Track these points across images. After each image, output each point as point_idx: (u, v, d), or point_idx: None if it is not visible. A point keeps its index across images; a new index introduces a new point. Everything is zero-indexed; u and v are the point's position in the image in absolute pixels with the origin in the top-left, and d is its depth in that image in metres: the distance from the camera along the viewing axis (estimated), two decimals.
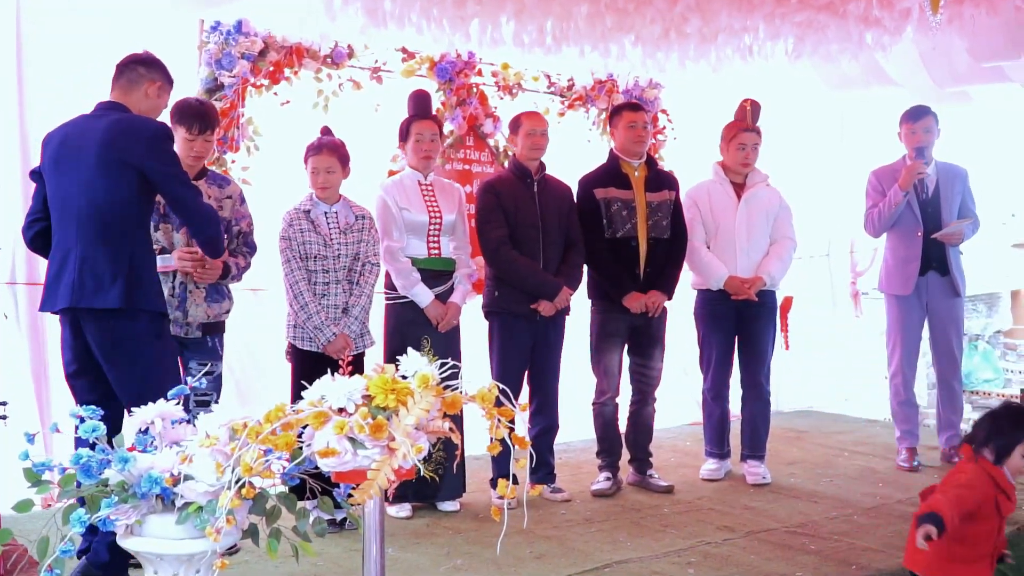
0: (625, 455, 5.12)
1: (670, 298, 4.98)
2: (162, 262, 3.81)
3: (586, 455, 5.61)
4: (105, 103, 3.55)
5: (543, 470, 4.87)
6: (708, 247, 5.14)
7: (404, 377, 2.43)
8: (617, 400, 5.07)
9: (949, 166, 5.48)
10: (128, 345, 3.40)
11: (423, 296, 4.46)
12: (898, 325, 5.51)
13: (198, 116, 3.96)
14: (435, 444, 4.33)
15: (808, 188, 7.15)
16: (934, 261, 5.40)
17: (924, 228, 5.37)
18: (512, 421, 2.45)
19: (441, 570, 3.79)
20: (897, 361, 5.53)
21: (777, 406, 6.94)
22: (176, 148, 3.84)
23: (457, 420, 4.25)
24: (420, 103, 4.66)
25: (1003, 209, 8.39)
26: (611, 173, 4.95)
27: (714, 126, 5.36)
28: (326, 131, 4.41)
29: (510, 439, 2.42)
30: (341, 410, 2.34)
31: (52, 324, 4.67)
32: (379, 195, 4.55)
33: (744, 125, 5.17)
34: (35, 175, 3.62)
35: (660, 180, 4.99)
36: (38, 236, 3.59)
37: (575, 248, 4.83)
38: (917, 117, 5.38)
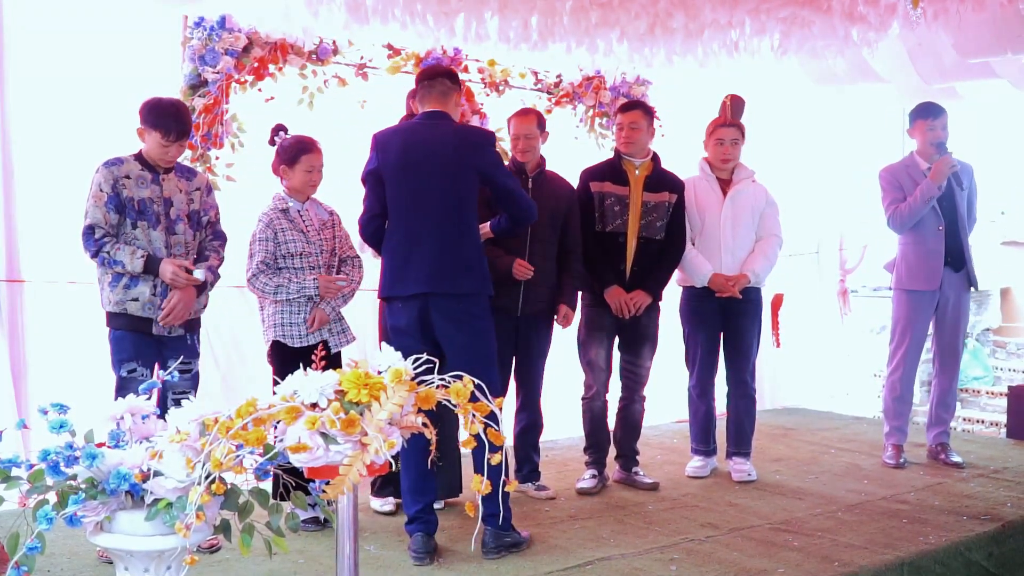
0: (611, 452, 5.11)
1: (655, 298, 4.95)
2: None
3: (572, 452, 5.60)
4: (432, 112, 4.02)
5: (527, 467, 4.85)
6: (693, 243, 5.13)
7: (379, 372, 2.42)
8: (607, 397, 5.05)
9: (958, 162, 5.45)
10: (475, 323, 3.93)
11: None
12: (908, 321, 5.47)
13: (176, 123, 3.90)
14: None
15: (797, 185, 7.15)
16: (949, 256, 5.38)
17: (944, 222, 5.36)
18: (490, 416, 2.44)
19: (423, 567, 3.77)
20: (901, 356, 5.51)
21: (764, 403, 6.95)
22: (150, 147, 3.90)
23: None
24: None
25: (992, 206, 8.40)
26: (610, 169, 4.95)
27: (703, 123, 5.35)
28: (282, 128, 4.37)
29: (485, 435, 2.41)
30: (314, 405, 2.33)
31: (32, 320, 4.68)
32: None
33: (722, 120, 5.16)
34: (372, 175, 4.01)
35: (661, 181, 4.94)
36: (377, 231, 4.05)
37: (573, 256, 4.79)
38: (936, 114, 5.35)
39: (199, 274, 3.92)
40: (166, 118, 3.88)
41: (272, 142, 4.37)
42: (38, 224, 4.71)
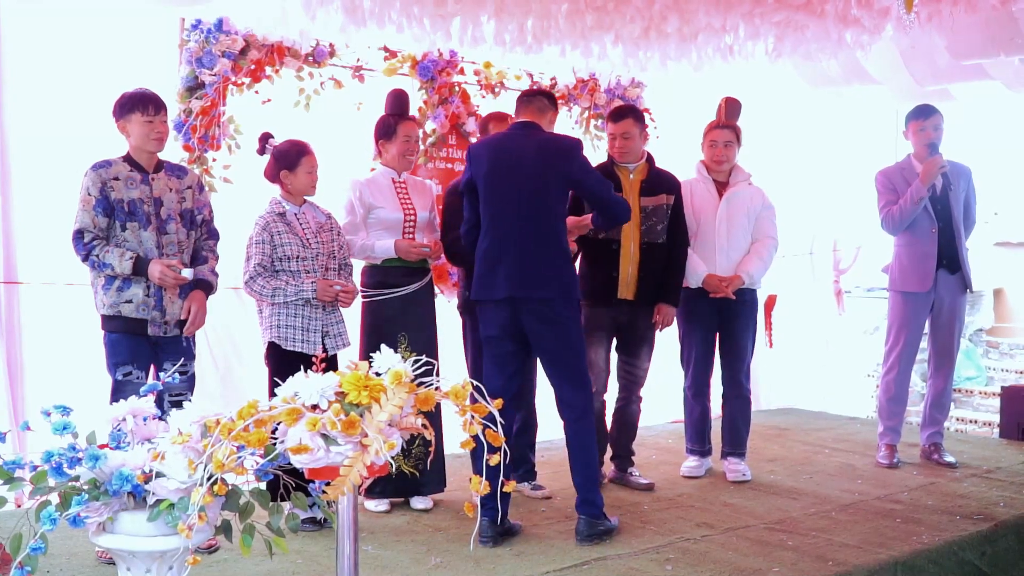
0: (607, 452, 5.13)
1: (677, 306, 4.99)
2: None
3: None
4: (524, 122, 4.22)
5: (524, 467, 4.87)
6: (689, 245, 5.15)
7: (378, 374, 2.44)
8: (604, 397, 5.06)
9: (954, 164, 5.45)
10: (562, 322, 4.07)
11: (388, 244, 4.51)
12: (904, 322, 5.50)
13: (151, 99, 3.94)
14: (416, 440, 4.34)
15: (791, 187, 7.17)
16: (944, 259, 5.40)
17: (938, 225, 5.39)
18: (488, 417, 2.46)
19: (420, 568, 3.79)
20: (895, 357, 5.53)
21: (759, 403, 6.97)
22: (135, 134, 3.91)
23: (435, 417, 4.30)
24: (404, 103, 4.69)
25: (986, 208, 8.45)
26: (604, 174, 4.93)
27: (698, 125, 5.37)
28: (270, 135, 4.39)
29: (483, 436, 2.43)
30: (314, 407, 2.35)
31: (28, 322, 4.68)
32: (351, 192, 4.58)
33: (716, 122, 5.19)
34: (468, 186, 4.17)
35: (657, 183, 4.92)
36: (476, 242, 4.16)
37: None
38: (927, 115, 5.38)
39: (187, 273, 3.92)
40: (140, 97, 3.93)
41: (262, 151, 4.40)
42: (35, 226, 4.72)
